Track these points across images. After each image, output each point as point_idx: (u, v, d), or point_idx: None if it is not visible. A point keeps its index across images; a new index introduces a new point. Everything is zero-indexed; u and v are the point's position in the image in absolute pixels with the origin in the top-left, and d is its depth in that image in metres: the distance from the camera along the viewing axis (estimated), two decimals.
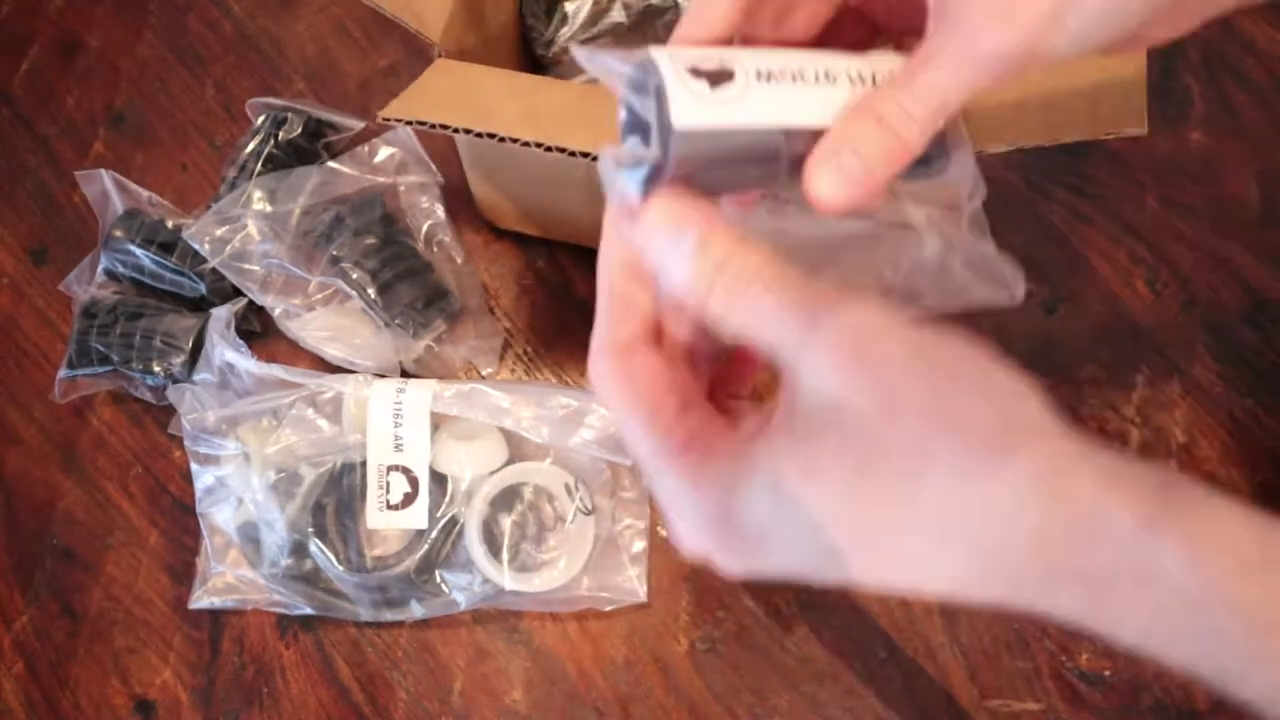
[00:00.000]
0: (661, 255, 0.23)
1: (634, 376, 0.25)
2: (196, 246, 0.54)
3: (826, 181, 0.23)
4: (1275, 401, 0.56)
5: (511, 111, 0.39)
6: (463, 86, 0.41)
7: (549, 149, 0.37)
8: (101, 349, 0.54)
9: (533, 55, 0.59)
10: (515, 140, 0.37)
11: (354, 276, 0.54)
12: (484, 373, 0.57)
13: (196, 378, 0.53)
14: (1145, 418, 0.56)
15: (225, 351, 0.51)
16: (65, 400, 0.56)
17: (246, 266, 0.55)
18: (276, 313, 0.55)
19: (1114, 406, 0.56)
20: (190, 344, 0.54)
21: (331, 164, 0.57)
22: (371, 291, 0.54)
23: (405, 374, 0.55)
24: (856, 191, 0.24)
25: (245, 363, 0.51)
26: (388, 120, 0.38)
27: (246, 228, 0.54)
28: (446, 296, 0.55)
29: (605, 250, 0.26)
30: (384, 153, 0.58)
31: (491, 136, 0.38)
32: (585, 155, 0.37)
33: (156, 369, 0.54)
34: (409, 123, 0.38)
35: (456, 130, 0.38)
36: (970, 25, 0.23)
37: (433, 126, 0.38)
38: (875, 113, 0.24)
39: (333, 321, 0.55)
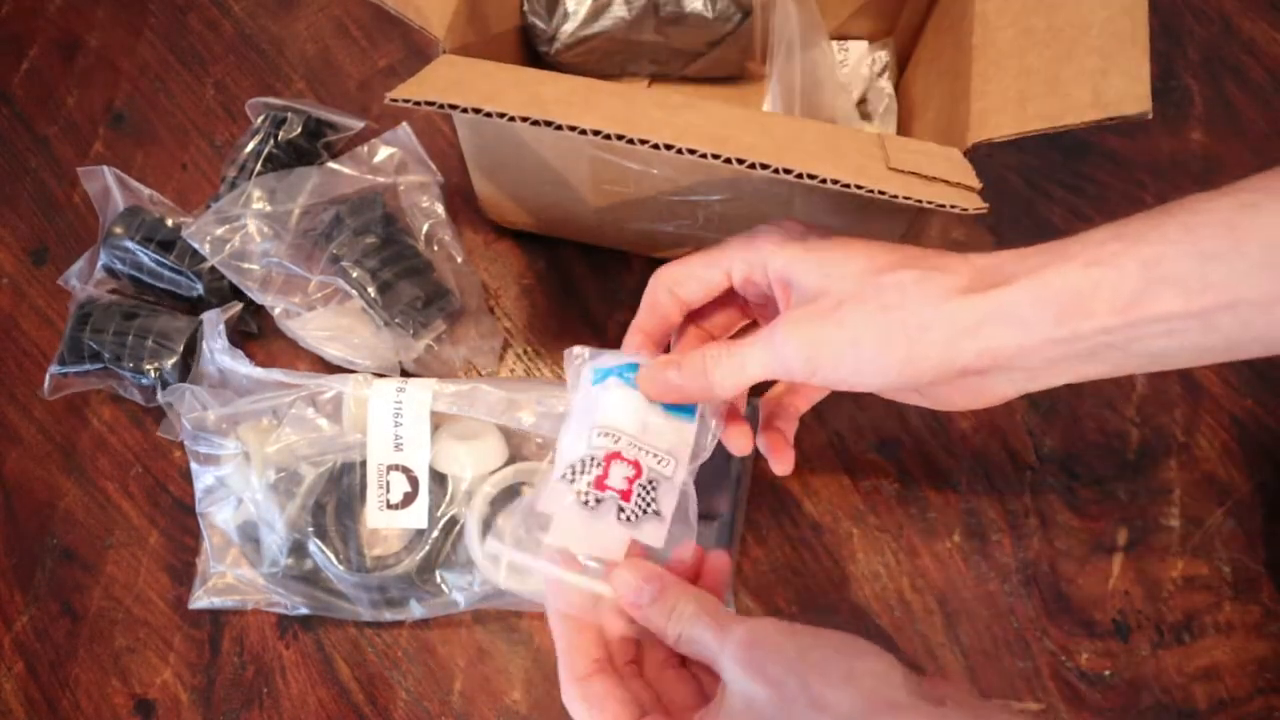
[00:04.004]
0: (630, 605, 0.35)
1: (595, 697, 0.33)
2: (196, 245, 0.54)
3: (647, 381, 0.37)
4: (1275, 401, 0.56)
5: (518, 98, 0.39)
6: (468, 76, 0.41)
7: (558, 127, 0.37)
8: (94, 346, 0.54)
9: (535, 53, 0.59)
10: (525, 119, 0.37)
11: (354, 275, 0.54)
12: (484, 373, 0.57)
13: (190, 380, 0.53)
14: (1145, 418, 0.56)
15: (218, 355, 0.51)
16: (54, 396, 0.56)
17: (246, 265, 0.55)
18: (276, 312, 0.55)
19: (1114, 406, 0.56)
20: (182, 346, 0.54)
21: (331, 164, 0.57)
22: (371, 290, 0.54)
23: (405, 374, 0.55)
24: (664, 394, 0.37)
25: (239, 367, 0.51)
26: (395, 101, 0.38)
27: (246, 227, 0.54)
28: (446, 296, 0.55)
29: (550, 609, 0.36)
30: (384, 152, 0.58)
31: (501, 116, 0.38)
32: (596, 133, 0.37)
33: (147, 368, 0.54)
34: (417, 103, 0.38)
35: (465, 110, 0.38)
36: (780, 340, 0.34)
37: (441, 106, 0.38)
38: (704, 355, 0.36)
39: (332, 321, 0.55)
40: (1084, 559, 0.53)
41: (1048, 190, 0.61)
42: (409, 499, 0.51)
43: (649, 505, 0.36)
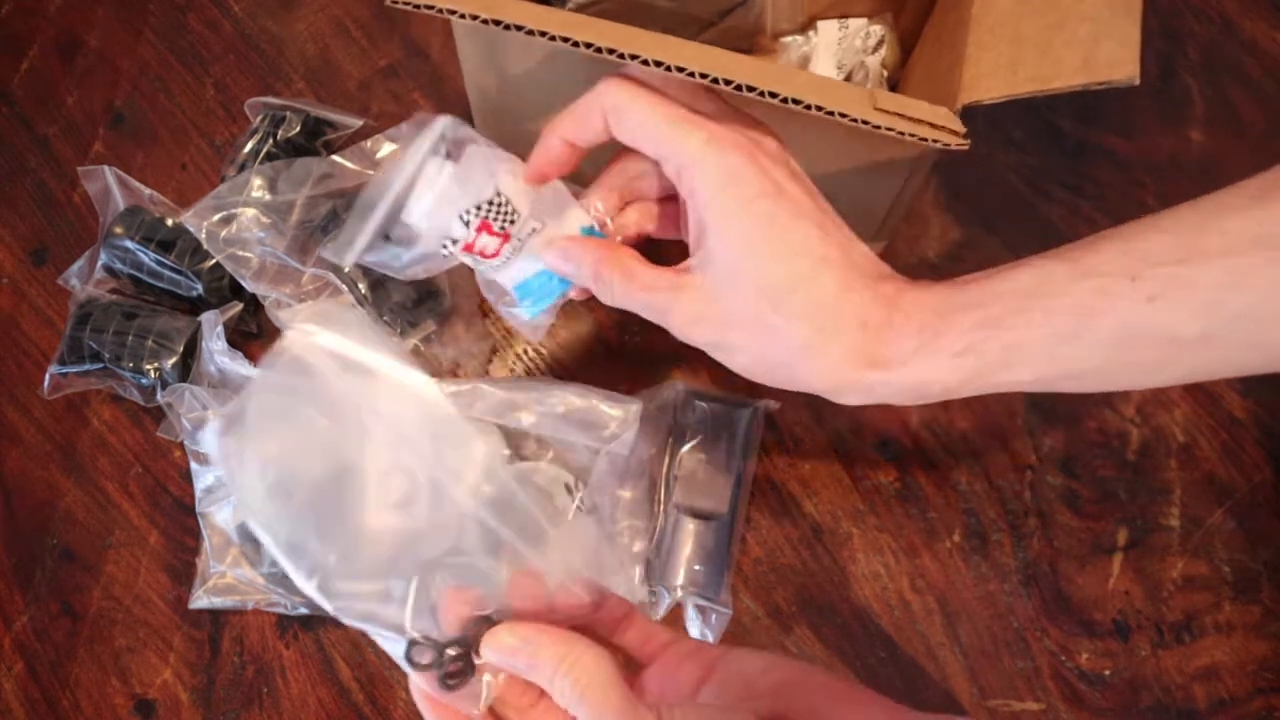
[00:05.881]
0: (518, 662, 0.31)
1: None
2: (193, 230, 0.54)
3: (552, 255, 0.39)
4: (1275, 401, 0.56)
5: (518, 11, 0.39)
6: None
7: (551, 37, 0.37)
8: (94, 345, 0.54)
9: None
10: (519, 28, 0.37)
11: (345, 270, 0.54)
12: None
13: (190, 380, 0.53)
14: (1145, 418, 0.56)
15: (217, 356, 0.51)
16: (54, 396, 0.56)
17: (242, 253, 0.54)
18: (267, 301, 0.55)
19: (1114, 406, 0.56)
20: (182, 346, 0.54)
21: (334, 157, 0.57)
22: (362, 287, 0.53)
23: None
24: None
25: (238, 367, 0.51)
26: (394, 4, 0.38)
27: (244, 214, 0.54)
28: (437, 297, 0.55)
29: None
30: (386, 148, 0.58)
31: (497, 23, 0.38)
32: (588, 46, 0.37)
33: (147, 368, 0.54)
34: (416, 5, 0.38)
35: (463, 15, 0.38)
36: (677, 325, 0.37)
37: (440, 11, 0.38)
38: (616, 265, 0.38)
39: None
40: (1084, 559, 0.53)
41: (1048, 190, 0.61)
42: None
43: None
